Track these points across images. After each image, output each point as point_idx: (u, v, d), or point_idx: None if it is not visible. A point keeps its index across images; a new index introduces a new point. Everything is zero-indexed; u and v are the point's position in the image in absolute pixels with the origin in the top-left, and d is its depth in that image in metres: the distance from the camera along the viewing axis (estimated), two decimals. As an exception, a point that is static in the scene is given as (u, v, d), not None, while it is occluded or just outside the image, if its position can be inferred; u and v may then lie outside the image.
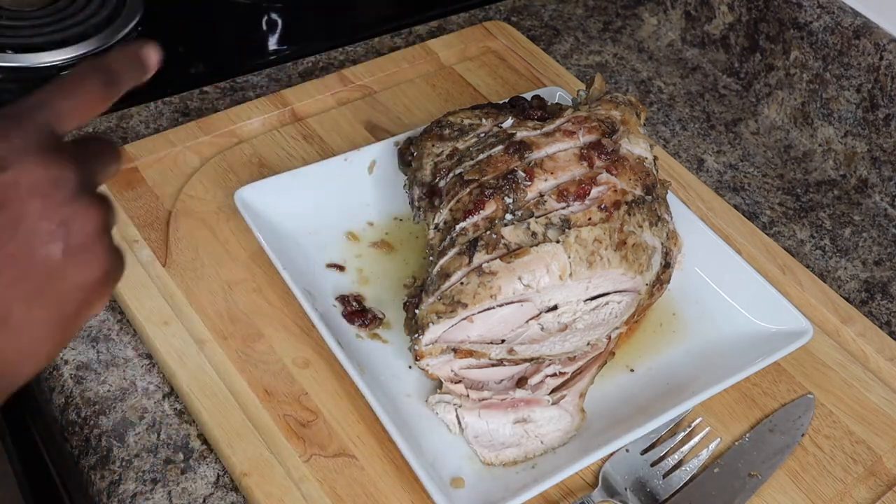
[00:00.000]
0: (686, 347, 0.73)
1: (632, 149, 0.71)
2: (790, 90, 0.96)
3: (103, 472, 0.65)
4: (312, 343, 0.71)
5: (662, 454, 0.67)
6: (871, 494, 0.68)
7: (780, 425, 0.70)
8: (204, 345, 0.70)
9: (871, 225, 0.89)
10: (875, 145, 0.90)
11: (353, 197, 0.80)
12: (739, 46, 1.00)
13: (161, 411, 0.68)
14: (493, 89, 0.94)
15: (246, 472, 0.63)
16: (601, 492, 0.64)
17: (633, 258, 0.67)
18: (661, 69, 1.04)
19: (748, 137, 0.97)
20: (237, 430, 0.65)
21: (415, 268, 0.77)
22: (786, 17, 0.93)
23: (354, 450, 0.65)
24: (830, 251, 0.87)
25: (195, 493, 0.64)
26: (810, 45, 0.92)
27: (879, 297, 0.83)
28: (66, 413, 0.68)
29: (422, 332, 0.65)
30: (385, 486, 0.64)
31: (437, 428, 0.67)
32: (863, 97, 0.89)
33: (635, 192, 0.69)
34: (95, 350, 0.71)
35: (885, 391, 0.73)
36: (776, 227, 0.88)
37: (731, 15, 0.99)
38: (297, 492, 0.63)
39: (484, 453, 0.65)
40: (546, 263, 0.65)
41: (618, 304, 0.69)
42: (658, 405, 0.68)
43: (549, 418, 0.67)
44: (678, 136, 0.96)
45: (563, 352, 0.67)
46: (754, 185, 0.92)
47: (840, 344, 0.76)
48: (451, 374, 0.67)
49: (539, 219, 0.66)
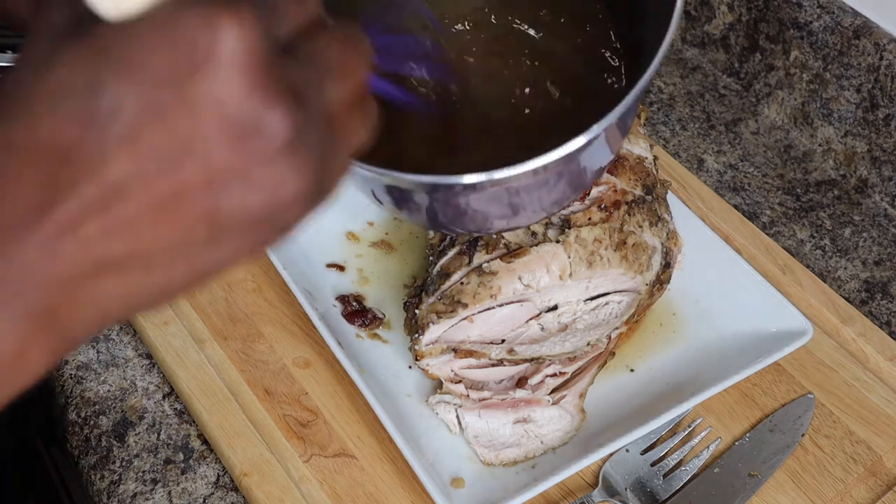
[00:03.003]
0: (686, 347, 0.73)
1: (632, 149, 0.71)
2: (790, 90, 0.96)
3: (103, 472, 0.65)
4: (312, 343, 0.71)
5: (662, 454, 0.67)
6: (871, 494, 0.68)
7: (780, 425, 0.70)
8: (204, 345, 0.70)
9: (871, 225, 0.89)
10: (875, 145, 0.90)
11: (353, 197, 0.80)
12: (739, 46, 1.00)
13: (161, 411, 0.68)
14: (493, 89, 0.94)
15: (246, 472, 0.63)
16: (601, 492, 0.64)
17: (633, 258, 0.67)
18: (661, 69, 1.04)
19: (748, 137, 0.97)
20: (237, 430, 0.65)
21: (415, 268, 0.77)
22: (786, 17, 0.93)
23: (354, 450, 0.65)
24: (830, 251, 0.87)
25: (195, 493, 0.64)
26: (810, 45, 0.92)
27: (879, 297, 0.83)
28: (66, 413, 0.68)
29: (422, 332, 0.65)
30: (385, 486, 0.64)
31: (437, 428, 0.67)
32: (863, 97, 0.89)
33: (635, 192, 0.69)
34: (95, 350, 0.71)
35: (885, 391, 0.73)
36: (776, 227, 0.88)
37: (731, 15, 0.99)
38: (297, 492, 0.63)
39: (484, 453, 0.65)
40: (546, 263, 0.65)
41: (618, 304, 0.69)
42: (658, 405, 0.68)
43: (549, 418, 0.67)
44: (678, 136, 0.96)
45: (563, 352, 0.67)
46: (754, 185, 0.92)
47: (840, 344, 0.76)
48: (451, 374, 0.67)
49: (539, 219, 0.66)
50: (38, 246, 0.30)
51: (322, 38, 0.34)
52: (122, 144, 0.29)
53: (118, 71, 0.30)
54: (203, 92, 0.30)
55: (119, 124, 0.29)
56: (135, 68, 0.30)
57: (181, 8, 0.30)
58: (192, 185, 0.30)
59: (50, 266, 0.30)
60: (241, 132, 0.30)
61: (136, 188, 0.30)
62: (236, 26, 0.30)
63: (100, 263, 0.31)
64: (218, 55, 0.30)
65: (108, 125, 0.29)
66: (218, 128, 0.30)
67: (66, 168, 0.29)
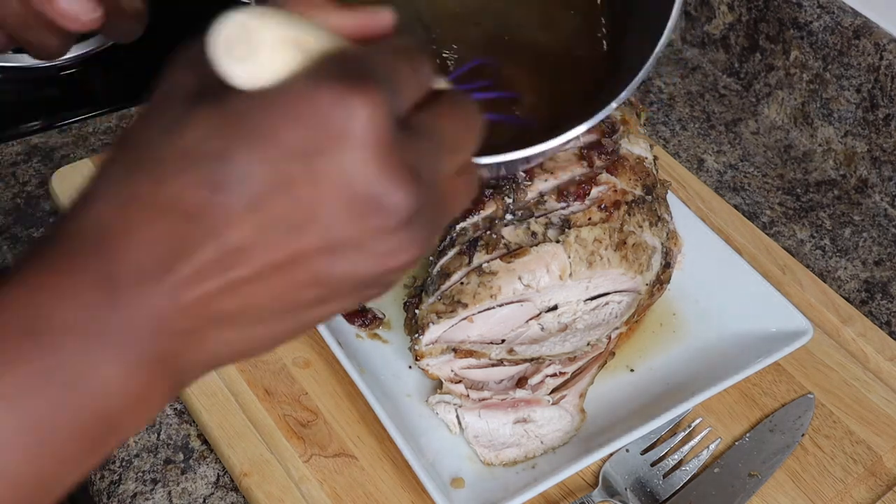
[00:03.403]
0: (686, 347, 0.73)
1: (632, 149, 0.71)
2: (790, 90, 0.96)
3: (103, 472, 0.65)
4: (312, 343, 0.71)
5: (662, 454, 0.67)
6: (871, 494, 0.68)
7: (780, 425, 0.70)
8: (204, 345, 0.70)
9: (871, 225, 0.89)
10: (875, 145, 0.90)
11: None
12: (739, 46, 1.00)
13: (161, 411, 0.68)
14: (493, 89, 0.94)
15: (246, 472, 0.63)
16: (601, 492, 0.64)
17: (633, 258, 0.67)
18: (661, 69, 1.04)
19: (748, 137, 0.97)
20: (237, 430, 0.65)
21: (415, 268, 0.76)
22: (786, 17, 0.93)
23: (354, 450, 0.65)
24: (830, 251, 0.87)
25: (195, 493, 0.64)
26: (810, 45, 0.92)
27: (879, 297, 0.83)
28: (66, 413, 0.68)
29: (422, 332, 0.65)
30: (385, 486, 0.64)
31: (437, 428, 0.67)
32: (863, 97, 0.89)
33: (635, 192, 0.69)
34: (95, 350, 0.71)
35: (885, 391, 0.73)
36: (776, 227, 0.88)
37: (731, 15, 0.99)
38: (297, 492, 0.63)
39: (484, 453, 0.65)
40: (546, 263, 0.65)
41: (618, 304, 0.69)
42: (658, 405, 0.68)
43: (549, 418, 0.67)
44: (678, 136, 0.96)
45: (563, 352, 0.67)
46: (754, 185, 0.92)
47: (840, 344, 0.76)
48: (451, 374, 0.67)
49: (539, 219, 0.66)
50: (163, 298, 0.32)
51: (436, 111, 0.35)
52: (247, 211, 0.31)
53: (250, 141, 0.31)
54: (332, 167, 0.31)
55: (246, 192, 0.31)
56: (267, 140, 0.31)
57: (314, 83, 0.31)
58: (309, 253, 0.32)
59: (173, 316, 0.32)
60: (366, 208, 0.32)
61: (257, 252, 0.32)
62: (369, 106, 0.31)
63: (217, 316, 0.33)
64: (350, 133, 0.31)
65: (235, 191, 0.31)
66: (343, 202, 0.32)
67: (192, 228, 0.31)
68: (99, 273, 0.31)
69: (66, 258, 0.31)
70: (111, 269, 0.31)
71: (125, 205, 0.32)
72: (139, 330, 0.32)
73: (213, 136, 0.31)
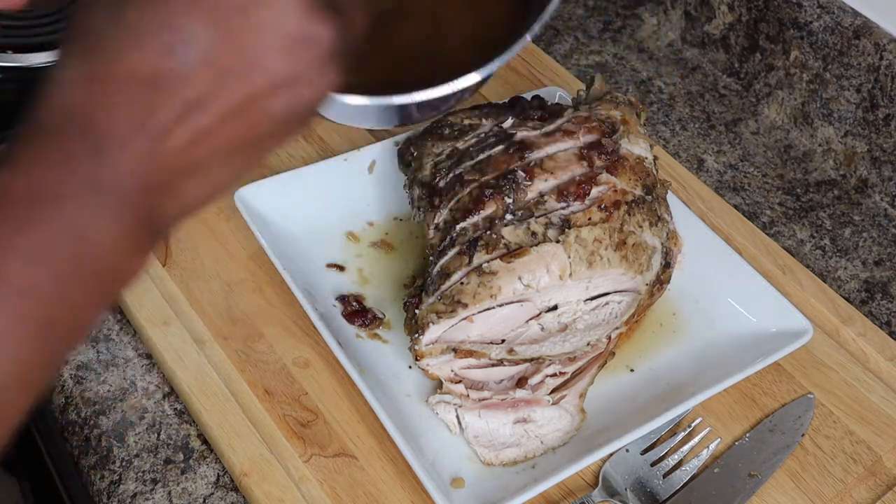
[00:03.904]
0: (686, 347, 0.73)
1: (632, 149, 0.71)
2: (790, 90, 0.96)
3: (103, 472, 0.65)
4: (312, 343, 0.71)
5: (662, 454, 0.67)
6: (871, 494, 0.68)
7: (780, 425, 0.70)
8: (204, 345, 0.70)
9: (871, 225, 0.89)
10: (875, 145, 0.90)
11: (353, 197, 0.80)
12: (739, 46, 1.00)
13: (161, 411, 0.68)
14: (492, 89, 0.94)
15: (246, 472, 0.63)
16: (601, 492, 0.64)
17: (633, 258, 0.67)
18: (661, 69, 1.04)
19: (748, 137, 0.97)
20: (237, 430, 0.65)
21: (415, 268, 0.77)
22: (786, 17, 0.93)
23: (354, 450, 0.65)
24: (830, 251, 0.87)
25: (195, 493, 0.64)
26: (810, 45, 0.92)
27: (879, 297, 0.83)
28: (66, 413, 0.68)
29: (422, 332, 0.65)
30: (385, 486, 0.64)
31: (437, 428, 0.67)
32: (863, 97, 0.89)
33: (635, 192, 0.69)
34: (95, 350, 0.71)
35: (885, 391, 0.73)
36: (776, 227, 0.88)
37: (731, 15, 0.99)
38: (297, 492, 0.63)
39: (484, 453, 0.65)
40: (546, 263, 0.65)
41: (618, 304, 0.69)
42: (658, 405, 0.68)
43: (549, 418, 0.67)
44: (678, 136, 0.96)
45: (563, 352, 0.67)
46: (754, 185, 0.92)
47: (840, 344, 0.76)
48: (451, 374, 0.67)
49: (539, 219, 0.66)
50: (141, 155, 0.36)
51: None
52: (199, 67, 0.36)
53: (190, 5, 0.35)
54: (267, 16, 0.36)
55: (193, 51, 0.35)
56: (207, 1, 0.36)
57: None
58: (258, 94, 0.37)
59: (151, 171, 0.36)
60: (300, 45, 0.37)
61: (213, 101, 0.36)
62: None
63: (187, 167, 0.37)
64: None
65: (184, 53, 0.35)
66: (280, 44, 0.37)
67: (153, 92, 0.36)
68: (86, 143, 0.36)
69: (54, 136, 0.36)
70: (94, 137, 0.36)
71: (90, 85, 0.36)
72: (126, 185, 0.36)
73: (153, 8, 0.35)
